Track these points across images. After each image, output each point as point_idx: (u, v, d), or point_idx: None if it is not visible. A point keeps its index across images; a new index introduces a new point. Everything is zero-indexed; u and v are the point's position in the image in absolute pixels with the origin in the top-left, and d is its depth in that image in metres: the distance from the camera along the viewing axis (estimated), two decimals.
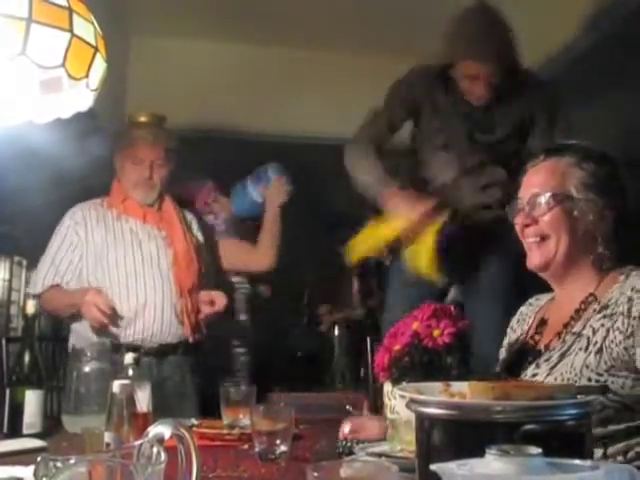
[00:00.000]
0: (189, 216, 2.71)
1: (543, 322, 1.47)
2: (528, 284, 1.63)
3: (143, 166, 2.55)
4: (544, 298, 1.55)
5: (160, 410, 2.34)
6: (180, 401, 2.49)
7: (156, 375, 2.42)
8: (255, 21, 3.45)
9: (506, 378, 1.42)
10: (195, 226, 2.70)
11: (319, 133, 3.68)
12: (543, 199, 1.39)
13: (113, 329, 2.36)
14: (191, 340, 2.50)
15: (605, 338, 1.26)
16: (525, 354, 1.43)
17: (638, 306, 1.24)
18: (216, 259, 2.85)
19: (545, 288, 1.53)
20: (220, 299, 2.55)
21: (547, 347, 1.39)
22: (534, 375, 1.32)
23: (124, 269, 2.44)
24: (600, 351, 1.25)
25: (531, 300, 1.60)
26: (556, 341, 1.36)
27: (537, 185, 1.42)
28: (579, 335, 1.31)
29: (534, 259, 1.43)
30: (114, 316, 2.34)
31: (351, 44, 3.58)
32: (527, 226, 1.43)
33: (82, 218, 2.49)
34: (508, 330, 1.60)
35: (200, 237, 2.69)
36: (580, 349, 1.28)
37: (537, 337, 1.45)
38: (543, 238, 1.40)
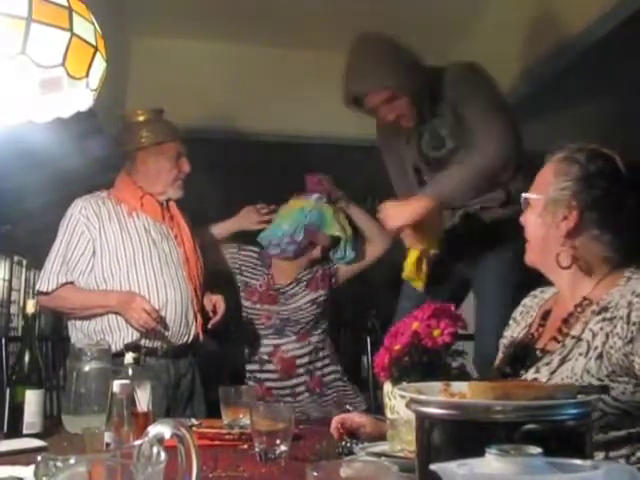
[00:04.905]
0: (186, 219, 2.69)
1: (547, 314, 1.48)
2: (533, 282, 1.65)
3: (183, 163, 2.54)
4: (549, 291, 1.55)
5: (175, 410, 2.36)
6: (192, 401, 2.50)
7: (173, 375, 2.43)
8: (255, 21, 3.45)
9: (506, 373, 1.43)
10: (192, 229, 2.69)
11: (319, 133, 3.69)
12: (523, 202, 1.48)
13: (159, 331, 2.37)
14: (201, 339, 2.50)
15: (605, 343, 1.25)
16: (525, 353, 1.44)
17: (638, 312, 1.24)
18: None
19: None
20: (220, 305, 2.56)
21: (544, 350, 1.39)
22: (534, 379, 1.32)
23: (143, 268, 2.41)
24: (600, 357, 1.25)
25: (535, 292, 1.60)
26: (555, 344, 1.36)
27: (532, 188, 1.48)
28: (579, 339, 1.30)
29: (525, 258, 1.50)
30: (162, 320, 2.35)
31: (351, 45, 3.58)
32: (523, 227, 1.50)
33: (94, 213, 2.42)
34: (510, 321, 1.60)
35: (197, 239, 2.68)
36: (580, 354, 1.28)
37: (541, 329, 1.46)
38: (529, 239, 1.48)
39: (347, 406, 2.65)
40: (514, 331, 1.56)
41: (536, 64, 3.17)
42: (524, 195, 1.47)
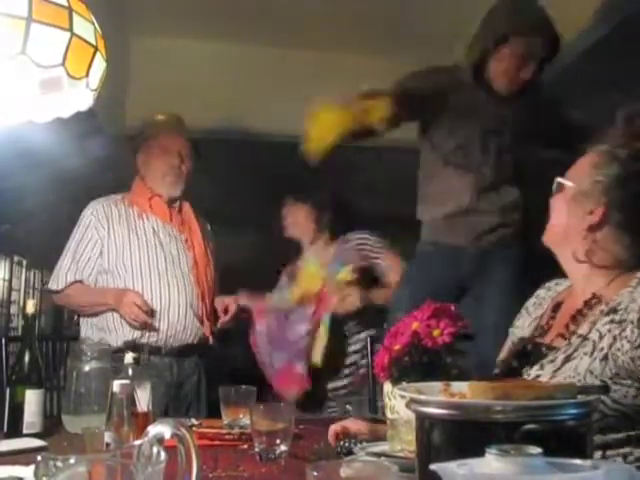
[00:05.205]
0: (202, 220, 2.71)
1: (558, 306, 1.48)
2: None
3: (171, 155, 2.57)
4: (564, 284, 1.55)
5: (177, 410, 2.37)
6: (196, 402, 2.52)
7: (176, 375, 2.45)
8: (255, 21, 3.45)
9: (512, 367, 1.42)
10: (208, 231, 2.71)
11: None
12: (556, 185, 1.46)
13: (152, 326, 2.40)
14: (211, 342, 2.53)
15: (612, 345, 1.24)
16: (532, 348, 1.44)
17: None
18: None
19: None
20: (232, 305, 2.58)
21: (550, 346, 1.38)
22: (537, 376, 1.32)
23: (148, 268, 2.44)
24: (605, 358, 1.24)
25: (550, 284, 1.60)
26: (561, 341, 1.36)
27: (568, 172, 1.47)
28: (585, 338, 1.29)
29: (543, 237, 1.50)
30: (154, 314, 2.39)
31: (351, 45, 3.58)
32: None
33: (104, 215, 2.49)
34: (523, 311, 1.60)
35: (211, 242, 2.70)
36: (585, 354, 1.27)
37: (551, 322, 1.46)
38: (552, 222, 1.48)
39: (347, 406, 2.64)
40: (525, 321, 1.55)
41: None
42: (558, 179, 1.46)
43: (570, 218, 1.41)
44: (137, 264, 2.44)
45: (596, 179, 1.38)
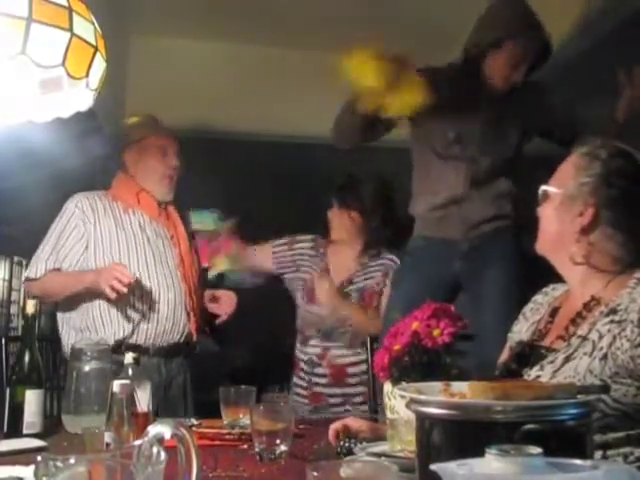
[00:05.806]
0: (186, 221, 2.69)
1: (556, 311, 1.48)
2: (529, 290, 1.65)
3: (169, 157, 2.55)
4: (560, 288, 1.55)
5: (165, 411, 2.36)
6: (184, 403, 2.50)
7: (164, 375, 2.42)
8: (255, 21, 3.45)
9: (511, 370, 1.43)
10: (190, 232, 2.70)
11: (319, 133, 3.69)
12: (541, 194, 1.47)
13: (128, 324, 2.36)
14: (195, 339, 2.50)
15: (611, 344, 1.24)
16: (531, 351, 1.44)
17: None
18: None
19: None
20: (229, 299, 2.55)
21: (549, 348, 1.38)
22: (537, 377, 1.32)
23: (136, 264, 2.41)
24: (605, 357, 1.24)
25: (547, 289, 1.60)
26: (560, 343, 1.36)
27: (552, 180, 1.47)
28: (585, 339, 1.30)
29: (536, 245, 1.50)
30: (134, 284, 2.29)
31: (351, 45, 3.58)
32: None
33: (89, 207, 2.44)
34: (520, 317, 1.60)
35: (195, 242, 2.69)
36: (585, 353, 1.27)
37: (549, 326, 1.46)
38: (542, 230, 1.48)
39: (347, 406, 2.64)
40: (523, 326, 1.56)
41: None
42: (543, 187, 1.47)
43: (561, 224, 1.41)
44: (125, 260, 2.40)
45: (581, 181, 1.39)
